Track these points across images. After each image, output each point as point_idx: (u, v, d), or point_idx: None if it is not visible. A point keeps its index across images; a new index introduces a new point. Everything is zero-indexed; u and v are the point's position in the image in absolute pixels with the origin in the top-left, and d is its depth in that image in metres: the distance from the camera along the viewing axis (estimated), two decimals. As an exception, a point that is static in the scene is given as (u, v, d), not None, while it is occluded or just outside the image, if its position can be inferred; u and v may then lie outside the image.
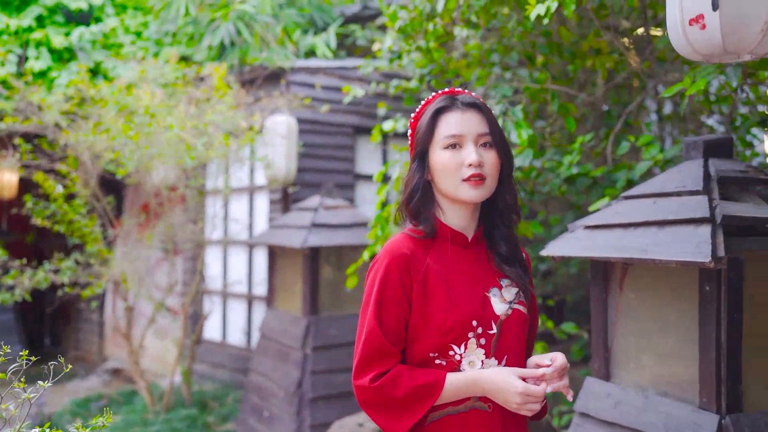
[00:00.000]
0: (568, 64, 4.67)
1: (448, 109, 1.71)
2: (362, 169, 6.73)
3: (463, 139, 1.68)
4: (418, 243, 1.72)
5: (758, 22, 1.58)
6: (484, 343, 1.66)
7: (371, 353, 1.65)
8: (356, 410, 5.10)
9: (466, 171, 1.66)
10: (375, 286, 1.68)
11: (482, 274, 1.74)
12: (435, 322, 1.65)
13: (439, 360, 1.66)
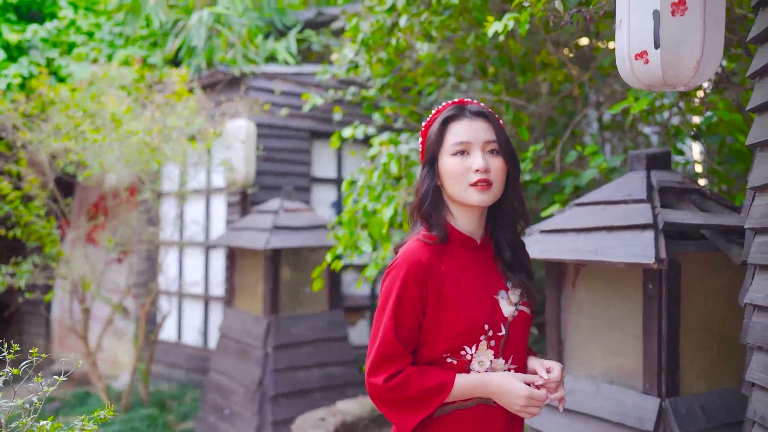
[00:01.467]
0: (517, 76, 4.95)
1: (456, 117, 1.79)
2: (318, 173, 6.91)
3: (470, 146, 1.75)
4: (433, 249, 1.77)
5: (692, 61, 1.84)
6: (493, 345, 1.74)
7: (385, 355, 1.72)
8: (316, 406, 5.29)
9: (473, 176, 1.73)
10: (393, 293, 1.73)
11: (490, 277, 1.82)
12: (448, 326, 1.72)
13: (451, 359, 1.74)
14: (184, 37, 6.85)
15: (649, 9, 1.83)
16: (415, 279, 1.72)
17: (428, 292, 1.72)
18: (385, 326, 1.72)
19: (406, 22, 4.16)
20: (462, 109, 1.81)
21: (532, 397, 1.71)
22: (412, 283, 1.72)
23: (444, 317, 1.72)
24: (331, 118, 6.58)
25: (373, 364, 1.74)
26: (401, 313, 1.72)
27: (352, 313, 6.88)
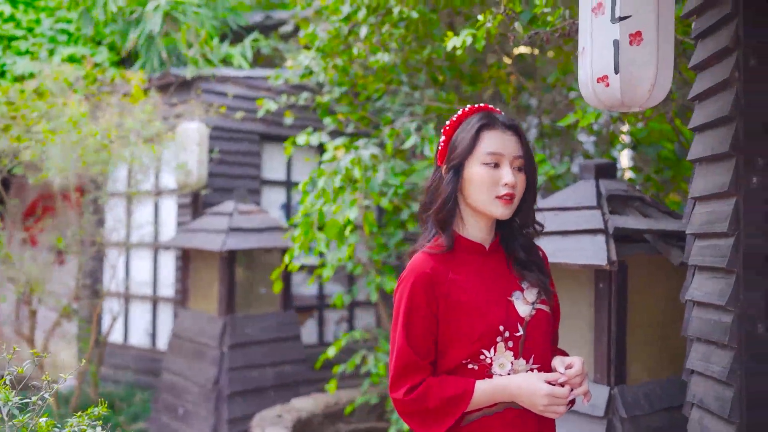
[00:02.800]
0: (466, 85, 5.21)
1: (491, 126, 1.78)
2: (268, 175, 7.00)
3: (501, 159, 1.75)
4: (439, 258, 1.78)
5: (647, 85, 2.08)
6: (512, 346, 1.73)
7: (403, 368, 1.74)
8: (271, 404, 5.41)
9: (502, 189, 1.74)
10: (402, 306, 1.75)
11: (503, 279, 1.81)
12: (464, 332, 1.72)
13: (472, 365, 1.73)
14: (142, 27, 6.82)
15: (609, 39, 2.06)
16: (423, 290, 1.73)
17: (438, 302, 1.73)
18: (399, 341, 1.74)
19: (366, 32, 4.33)
20: (495, 119, 1.79)
21: (554, 395, 1.70)
22: (420, 295, 1.73)
23: (457, 325, 1.72)
24: (281, 122, 6.69)
25: (392, 379, 1.75)
26: (412, 325, 1.73)
27: (302, 313, 7.00)
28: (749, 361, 2.09)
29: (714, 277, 2.27)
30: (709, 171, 2.32)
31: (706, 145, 2.33)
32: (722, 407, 2.16)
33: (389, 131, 4.71)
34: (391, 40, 4.38)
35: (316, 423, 5.06)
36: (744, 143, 2.11)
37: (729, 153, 2.15)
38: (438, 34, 4.88)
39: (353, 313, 7.39)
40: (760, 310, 2.09)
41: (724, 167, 2.21)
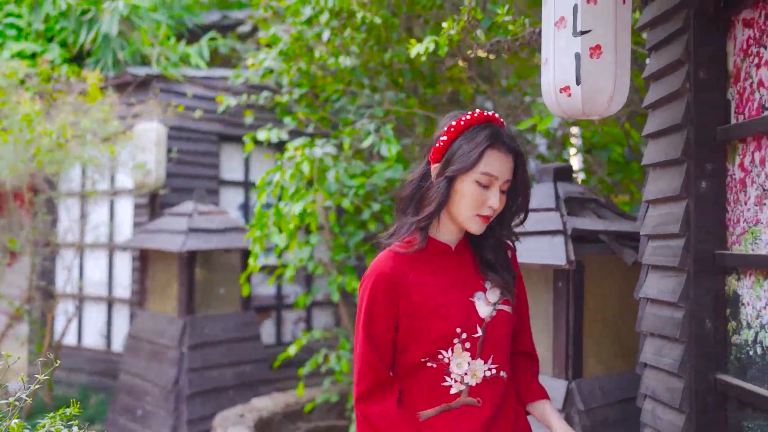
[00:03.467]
0: (426, 88, 5.31)
1: (495, 147, 1.73)
2: (226, 175, 6.99)
3: (494, 181, 1.73)
4: (404, 258, 1.78)
5: (606, 95, 2.20)
6: (469, 347, 1.74)
7: (362, 366, 1.77)
8: (231, 404, 5.43)
9: (485, 210, 1.73)
10: (363, 305, 1.77)
11: (467, 280, 1.81)
12: (422, 333, 1.73)
13: (430, 363, 1.75)
14: (98, 28, 6.73)
15: (571, 51, 2.18)
16: (383, 291, 1.74)
17: (399, 302, 1.74)
18: (360, 340, 1.77)
19: (329, 36, 4.39)
20: (502, 140, 1.75)
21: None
22: (380, 295, 1.74)
23: (416, 325, 1.73)
24: (239, 122, 6.69)
25: (355, 378, 1.79)
26: (372, 324, 1.75)
27: (260, 313, 7.01)
28: (698, 354, 2.24)
29: (666, 275, 2.41)
30: (662, 176, 2.46)
31: (659, 152, 2.47)
32: (673, 398, 2.31)
33: (348, 131, 4.78)
34: (353, 44, 4.45)
35: (276, 422, 5.10)
36: (694, 150, 2.25)
37: (680, 159, 2.29)
38: (396, 37, 4.98)
39: (311, 313, 7.44)
40: (708, 306, 2.24)
41: (675, 172, 2.35)
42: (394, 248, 1.80)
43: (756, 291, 2.07)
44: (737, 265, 2.15)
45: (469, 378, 1.75)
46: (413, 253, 1.79)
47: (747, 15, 2.14)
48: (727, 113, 2.24)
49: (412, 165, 5.21)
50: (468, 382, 1.75)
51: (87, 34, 6.71)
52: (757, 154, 2.08)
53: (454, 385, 1.75)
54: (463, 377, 1.75)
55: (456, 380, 1.75)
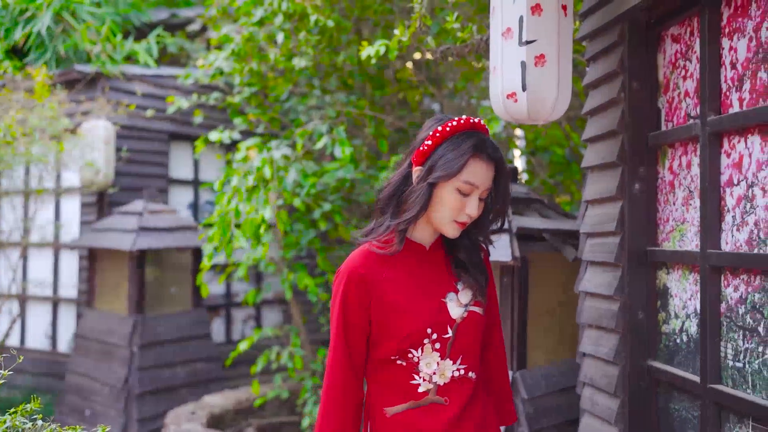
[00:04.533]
0: (375, 91, 5.44)
1: (479, 156, 1.72)
2: (175, 174, 6.98)
3: (474, 190, 1.73)
4: (377, 256, 1.79)
5: (550, 101, 2.36)
6: (439, 347, 1.75)
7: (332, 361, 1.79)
8: (182, 402, 5.45)
9: (462, 217, 1.74)
10: (336, 303, 1.79)
11: (439, 280, 1.82)
12: (393, 332, 1.75)
13: (400, 361, 1.76)
14: (31, 26, 6.62)
15: (517, 60, 2.33)
16: (355, 287, 1.75)
17: (370, 299, 1.76)
18: (333, 336, 1.81)
19: (282, 39, 4.47)
20: (486, 148, 1.74)
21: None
22: (352, 292, 1.76)
23: (388, 322, 1.75)
24: (189, 121, 6.69)
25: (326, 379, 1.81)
26: (345, 320, 1.77)
27: (209, 312, 7.03)
28: (632, 343, 2.42)
29: (603, 271, 2.59)
30: (599, 178, 2.64)
31: (597, 155, 2.65)
32: (609, 384, 2.48)
33: (300, 132, 4.86)
34: (306, 46, 4.54)
35: (228, 419, 5.15)
36: (628, 154, 2.43)
37: (616, 163, 2.47)
38: (346, 40, 5.09)
39: (261, 311, 7.48)
40: (641, 299, 2.42)
41: (611, 175, 2.52)
42: (369, 246, 1.81)
43: (682, 284, 2.26)
44: (666, 261, 2.34)
45: (437, 377, 1.76)
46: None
47: (674, 31, 2.32)
48: (657, 121, 2.43)
49: (362, 165, 5.34)
50: (436, 381, 1.76)
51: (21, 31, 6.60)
52: (684, 158, 2.26)
53: (422, 383, 1.76)
54: (432, 376, 1.76)
55: (424, 379, 1.76)
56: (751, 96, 1.93)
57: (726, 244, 2.02)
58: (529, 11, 2.26)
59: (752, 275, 1.90)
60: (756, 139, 1.90)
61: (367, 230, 1.85)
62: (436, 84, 5.51)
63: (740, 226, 1.96)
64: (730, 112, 2.01)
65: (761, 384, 1.85)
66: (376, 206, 1.86)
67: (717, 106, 2.06)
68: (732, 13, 2.02)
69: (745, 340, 1.92)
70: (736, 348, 1.96)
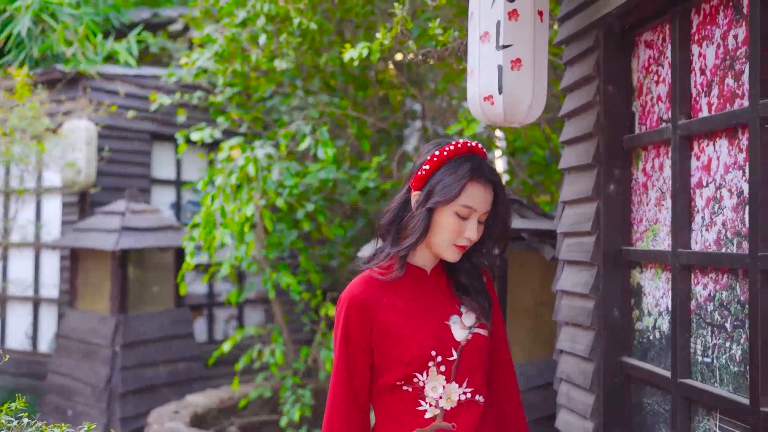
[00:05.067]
0: (357, 91, 5.49)
1: (476, 180, 1.74)
2: (157, 174, 6.98)
3: (472, 213, 1.75)
4: (378, 282, 1.78)
5: (525, 104, 2.42)
6: (444, 370, 1.74)
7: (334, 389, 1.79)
8: (164, 401, 5.46)
9: (461, 240, 1.75)
10: (338, 331, 1.78)
11: (442, 303, 1.82)
12: (396, 356, 1.74)
13: (406, 386, 1.75)
14: (11, 28, 6.59)
15: (494, 63, 2.38)
16: (357, 314, 1.76)
17: (372, 326, 1.76)
18: (336, 365, 1.79)
19: (265, 41, 4.51)
20: (483, 172, 1.76)
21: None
22: (353, 318, 1.76)
23: (391, 348, 1.75)
24: (171, 121, 6.70)
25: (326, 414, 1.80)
26: (347, 348, 1.77)
27: (192, 311, 7.04)
28: (607, 340, 2.49)
29: (579, 270, 2.66)
30: (576, 179, 2.71)
31: (574, 157, 2.71)
32: (585, 380, 2.55)
33: (284, 132, 4.90)
34: (288, 48, 4.58)
35: (212, 418, 5.18)
36: (604, 156, 2.50)
37: (592, 164, 2.54)
38: (327, 40, 5.13)
39: (243, 311, 7.50)
40: (615, 297, 2.49)
41: (587, 176, 2.59)
42: (369, 272, 1.81)
43: (655, 282, 2.33)
44: (640, 260, 2.41)
45: (443, 402, 1.74)
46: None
47: (648, 37, 2.39)
48: (632, 124, 2.50)
49: (345, 166, 5.39)
50: (443, 406, 1.74)
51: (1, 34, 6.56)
52: (657, 160, 2.33)
53: (428, 409, 1.74)
54: (438, 401, 1.74)
55: (431, 404, 1.74)
56: (719, 101, 2.00)
57: (696, 244, 2.09)
58: (506, 16, 2.31)
59: (720, 274, 1.97)
60: (723, 143, 1.97)
61: (369, 258, 1.85)
62: (418, 85, 5.57)
63: (709, 227, 2.03)
64: (700, 116, 2.08)
65: (728, 378, 1.92)
66: (377, 232, 1.86)
67: (687, 110, 2.14)
68: (701, 20, 2.09)
69: (713, 336, 1.99)
70: (704, 344, 2.03)
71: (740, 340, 1.87)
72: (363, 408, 1.80)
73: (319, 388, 5.41)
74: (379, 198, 5.11)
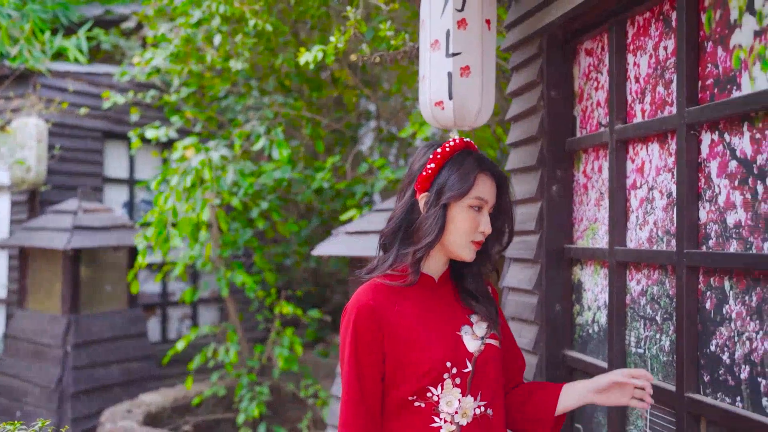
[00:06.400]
0: (312, 92, 5.55)
1: (484, 172, 1.73)
2: (110, 173, 6.92)
3: (485, 205, 1.73)
4: (385, 290, 1.71)
5: (474, 110, 2.53)
6: (459, 382, 1.66)
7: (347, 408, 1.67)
8: (117, 401, 5.43)
9: (477, 236, 1.72)
10: (347, 343, 1.68)
11: (452, 313, 1.75)
12: (410, 368, 1.65)
13: (418, 402, 1.65)
14: None
15: (444, 70, 2.48)
16: (366, 323, 1.66)
17: (383, 335, 1.67)
18: (347, 379, 1.68)
19: (220, 42, 4.54)
20: (488, 164, 1.76)
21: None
22: (363, 328, 1.66)
23: (403, 361, 1.66)
24: (124, 119, 6.65)
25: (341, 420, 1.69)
26: (359, 360, 1.67)
27: (145, 311, 7.00)
28: (549, 333, 2.61)
29: (524, 267, 2.78)
30: (522, 180, 2.83)
31: (519, 159, 2.83)
32: (529, 372, 2.67)
33: (238, 132, 4.93)
34: (243, 49, 4.62)
35: (166, 416, 5.18)
36: (547, 159, 2.62)
37: (536, 166, 2.66)
38: (282, 40, 5.18)
39: (197, 310, 7.48)
40: (558, 293, 2.62)
41: (532, 177, 2.71)
42: (375, 280, 1.73)
43: (594, 278, 2.46)
44: (581, 257, 2.54)
45: (459, 417, 1.65)
46: (395, 286, 1.72)
47: (588, 45, 2.53)
48: (573, 127, 2.62)
49: (299, 166, 5.45)
50: (458, 421, 1.65)
51: None
52: (596, 163, 2.47)
53: (443, 425, 1.64)
54: (454, 417, 1.65)
55: (446, 420, 1.64)
56: (651, 108, 2.13)
57: (630, 242, 2.23)
58: (456, 25, 2.42)
59: (651, 270, 2.10)
60: (655, 147, 2.11)
61: (370, 268, 1.78)
62: (372, 86, 5.66)
63: (642, 225, 2.16)
64: (634, 121, 2.22)
65: (658, 367, 2.05)
66: (379, 242, 1.80)
67: (623, 115, 2.27)
68: (636, 31, 2.22)
69: (645, 328, 2.13)
70: (638, 336, 2.17)
71: (669, 331, 2.01)
72: (376, 421, 1.69)
73: (274, 385, 5.47)
74: (334, 197, 5.18)
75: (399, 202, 1.79)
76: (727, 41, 1.80)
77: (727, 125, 1.79)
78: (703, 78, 1.89)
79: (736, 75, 1.76)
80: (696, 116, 1.86)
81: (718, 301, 1.81)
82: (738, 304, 1.74)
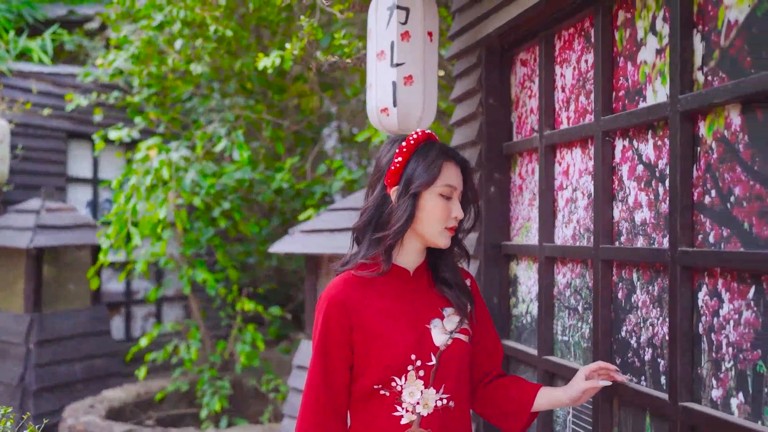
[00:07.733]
0: (273, 95, 5.69)
1: (449, 159, 1.79)
2: (74, 173, 6.97)
3: (454, 192, 1.77)
4: (358, 283, 1.76)
5: (416, 116, 2.70)
6: (422, 375, 1.72)
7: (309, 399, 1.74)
8: (80, 397, 5.51)
9: (451, 222, 1.77)
10: (317, 332, 1.74)
11: (425, 306, 1.80)
12: (375, 358, 1.70)
13: (383, 391, 1.72)
14: None
15: (389, 79, 2.65)
16: (336, 314, 1.72)
17: (352, 327, 1.72)
18: (314, 368, 1.75)
19: (181, 45, 4.65)
20: (452, 152, 1.82)
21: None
22: (333, 319, 1.72)
23: (371, 350, 1.72)
24: (88, 120, 6.72)
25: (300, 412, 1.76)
26: (326, 349, 1.74)
27: (109, 309, 7.06)
28: (489, 324, 2.79)
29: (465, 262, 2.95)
30: (464, 181, 3.01)
31: (462, 161, 3.02)
32: (471, 361, 2.85)
33: (200, 134, 5.05)
34: (204, 52, 4.74)
35: (128, 411, 5.27)
36: (486, 161, 2.80)
37: (475, 168, 2.84)
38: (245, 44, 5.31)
39: (161, 308, 7.56)
40: (495, 286, 2.80)
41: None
42: (349, 272, 1.79)
43: (528, 273, 2.65)
44: (516, 253, 2.73)
45: (420, 408, 1.72)
46: (369, 277, 1.77)
47: (523, 56, 2.72)
48: (510, 132, 2.81)
49: (260, 166, 5.59)
50: (419, 412, 1.71)
51: None
52: (530, 165, 2.66)
53: (405, 415, 1.71)
54: (415, 407, 1.71)
55: (407, 410, 1.71)
56: (575, 115, 2.33)
57: (558, 239, 2.42)
58: (399, 37, 2.59)
59: (575, 264, 2.30)
60: (578, 152, 2.30)
61: (343, 261, 1.84)
62: (333, 89, 5.81)
63: (567, 224, 2.36)
64: (561, 128, 2.41)
65: (579, 353, 2.25)
66: (352, 237, 1.85)
67: (551, 122, 2.46)
68: (562, 45, 2.41)
69: (569, 317, 2.32)
70: (563, 325, 2.36)
71: (588, 320, 2.20)
72: (339, 411, 1.76)
73: (236, 380, 5.59)
74: (294, 197, 5.33)
75: (369, 197, 1.84)
76: (635, 57, 2.00)
77: (635, 133, 1.99)
78: (616, 89, 2.09)
79: (642, 88, 1.96)
80: (610, 124, 2.06)
81: (627, 291, 2.01)
82: (643, 294, 1.94)
